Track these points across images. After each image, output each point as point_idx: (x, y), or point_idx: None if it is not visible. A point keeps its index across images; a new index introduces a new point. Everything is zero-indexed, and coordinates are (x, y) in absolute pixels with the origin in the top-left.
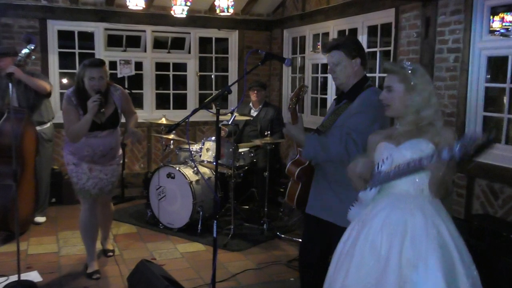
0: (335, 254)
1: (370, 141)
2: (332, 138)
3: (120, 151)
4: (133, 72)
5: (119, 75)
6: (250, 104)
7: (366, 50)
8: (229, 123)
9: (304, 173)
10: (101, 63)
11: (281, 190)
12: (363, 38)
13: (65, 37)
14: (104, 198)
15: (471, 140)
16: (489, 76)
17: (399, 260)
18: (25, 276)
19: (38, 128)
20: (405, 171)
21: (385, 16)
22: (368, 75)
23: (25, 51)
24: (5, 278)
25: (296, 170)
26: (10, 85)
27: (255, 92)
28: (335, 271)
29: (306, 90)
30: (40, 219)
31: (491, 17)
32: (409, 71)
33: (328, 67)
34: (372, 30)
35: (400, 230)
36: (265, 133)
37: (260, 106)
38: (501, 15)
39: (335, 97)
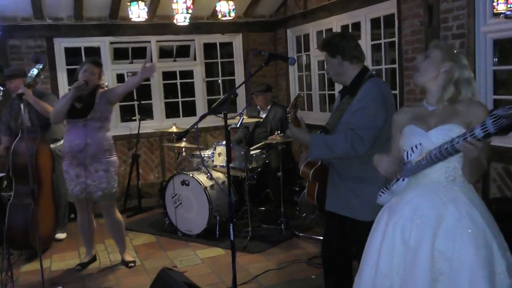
0: (368, 240)
1: (396, 120)
2: (337, 136)
3: (111, 158)
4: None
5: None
6: (258, 107)
7: (371, 42)
8: (237, 126)
9: (319, 173)
10: (95, 62)
11: (296, 189)
12: (366, 31)
13: (72, 54)
14: (103, 205)
15: (504, 111)
16: (496, 60)
17: (431, 252)
18: None
19: (52, 145)
20: (438, 158)
21: (388, 7)
22: (375, 67)
23: (34, 71)
24: None
25: (310, 171)
26: (21, 105)
27: (258, 96)
28: (366, 255)
29: (302, 100)
30: (60, 235)
31: (496, 0)
32: (454, 50)
33: None
34: (375, 23)
35: (431, 222)
36: (276, 133)
37: (268, 108)
38: None
39: (339, 92)
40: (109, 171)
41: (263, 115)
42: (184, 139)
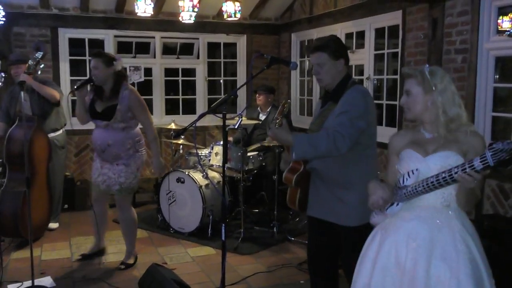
0: (359, 259)
1: (392, 143)
2: (319, 135)
3: (136, 154)
4: (143, 78)
5: (129, 82)
6: (258, 108)
7: (374, 52)
8: (236, 127)
9: (302, 178)
10: (94, 54)
11: None
12: (370, 40)
13: (75, 45)
14: (117, 199)
15: (504, 145)
16: (497, 77)
17: (427, 277)
18: (39, 282)
19: (51, 135)
20: (435, 186)
21: (392, 18)
22: (376, 76)
23: (34, 59)
24: (19, 284)
25: (293, 177)
26: (21, 93)
27: (259, 96)
28: (358, 273)
29: (289, 106)
30: (53, 225)
31: (501, 18)
32: (427, 73)
33: (313, 68)
34: (379, 32)
35: (426, 246)
36: None
37: (268, 110)
38: (510, 15)
39: (319, 98)
40: (129, 165)
41: (262, 117)
42: (182, 137)
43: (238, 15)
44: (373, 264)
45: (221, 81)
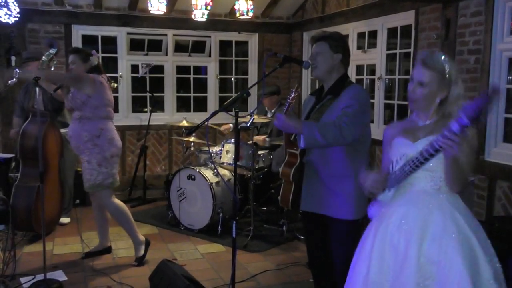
0: (356, 251)
1: (386, 134)
2: (326, 124)
3: (94, 149)
4: (152, 64)
5: (139, 75)
6: (266, 108)
7: (386, 52)
8: (248, 125)
9: (297, 172)
10: (71, 51)
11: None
12: (382, 40)
13: (88, 42)
14: (96, 195)
15: (473, 101)
16: (510, 78)
17: (418, 258)
18: (51, 275)
19: (62, 130)
20: (420, 160)
21: (405, 18)
22: (388, 76)
23: (47, 55)
24: (31, 277)
25: (291, 170)
26: (36, 89)
27: (264, 99)
28: (356, 265)
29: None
30: (64, 220)
31: None
32: (447, 70)
33: (311, 55)
34: (392, 32)
35: (418, 228)
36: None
37: (274, 109)
38: None
39: (311, 94)
40: (90, 162)
41: (270, 116)
42: (194, 134)
43: (251, 14)
44: (369, 254)
45: (232, 79)
